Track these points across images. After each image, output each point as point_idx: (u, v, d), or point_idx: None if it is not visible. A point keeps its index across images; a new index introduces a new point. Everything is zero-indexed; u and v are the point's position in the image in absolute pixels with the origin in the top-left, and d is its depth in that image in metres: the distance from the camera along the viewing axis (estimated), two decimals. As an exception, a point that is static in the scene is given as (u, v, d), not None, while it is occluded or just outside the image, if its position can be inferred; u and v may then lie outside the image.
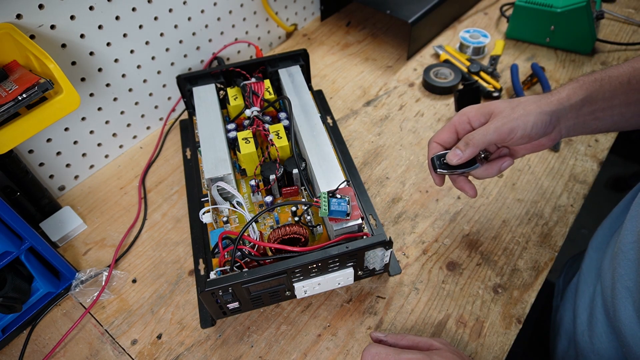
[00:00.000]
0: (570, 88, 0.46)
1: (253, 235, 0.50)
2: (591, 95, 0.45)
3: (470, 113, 0.48)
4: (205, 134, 0.59)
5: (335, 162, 0.54)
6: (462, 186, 0.49)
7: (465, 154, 0.46)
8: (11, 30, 0.50)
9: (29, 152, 0.61)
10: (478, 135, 0.45)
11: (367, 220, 0.55)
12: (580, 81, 0.46)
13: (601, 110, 0.46)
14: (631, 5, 0.91)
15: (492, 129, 0.45)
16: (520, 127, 0.44)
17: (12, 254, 0.48)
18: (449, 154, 0.47)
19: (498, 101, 0.47)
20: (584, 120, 0.47)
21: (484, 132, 0.45)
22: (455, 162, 0.46)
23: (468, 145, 0.45)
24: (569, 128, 0.47)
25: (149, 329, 0.53)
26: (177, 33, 0.70)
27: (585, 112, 0.46)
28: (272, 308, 0.54)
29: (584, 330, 0.55)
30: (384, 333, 0.46)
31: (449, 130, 0.49)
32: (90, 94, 0.64)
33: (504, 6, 0.92)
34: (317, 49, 0.89)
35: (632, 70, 0.46)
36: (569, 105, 0.45)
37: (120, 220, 0.64)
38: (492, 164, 0.48)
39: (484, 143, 0.45)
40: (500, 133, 0.44)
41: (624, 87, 0.46)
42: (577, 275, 0.62)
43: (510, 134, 0.44)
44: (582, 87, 0.46)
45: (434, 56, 0.85)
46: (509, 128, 0.44)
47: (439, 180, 0.50)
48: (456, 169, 0.48)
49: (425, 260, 0.57)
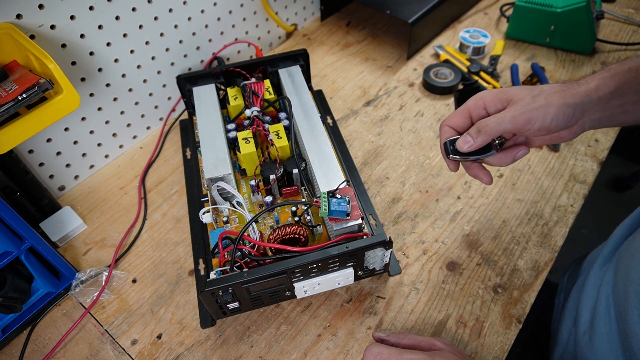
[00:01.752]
0: (600, 78, 0.42)
1: (253, 235, 0.50)
2: (622, 87, 0.42)
3: (487, 97, 0.44)
4: (205, 134, 0.59)
5: (335, 162, 0.54)
6: (476, 173, 0.46)
7: (477, 141, 0.43)
8: (11, 30, 0.50)
9: (29, 152, 0.61)
10: (492, 122, 0.42)
11: (367, 220, 0.55)
12: (611, 71, 0.43)
13: (632, 103, 0.43)
14: (631, 5, 0.91)
15: (508, 118, 0.41)
16: (539, 119, 0.40)
17: (12, 254, 0.48)
18: (459, 140, 0.44)
19: (518, 87, 0.44)
20: (611, 114, 0.43)
21: (498, 120, 0.42)
22: (466, 149, 0.43)
23: (480, 132, 0.42)
24: (594, 121, 0.43)
25: (149, 329, 0.53)
26: (177, 33, 0.70)
27: (613, 105, 0.42)
28: (272, 308, 0.54)
29: (585, 330, 0.54)
30: (386, 333, 0.46)
31: (462, 114, 0.45)
32: (90, 94, 0.64)
33: (504, 6, 0.92)
34: (317, 49, 0.89)
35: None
36: (596, 97, 0.41)
37: (120, 220, 0.64)
38: (507, 153, 0.45)
39: (497, 132, 0.42)
40: (516, 123, 0.41)
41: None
42: (585, 275, 0.61)
43: (527, 125, 0.41)
44: (613, 77, 0.42)
45: (434, 56, 0.85)
46: (527, 118, 0.41)
47: (452, 165, 0.47)
48: (469, 156, 0.45)
49: (425, 260, 0.57)
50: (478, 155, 0.44)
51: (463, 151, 0.44)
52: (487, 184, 0.46)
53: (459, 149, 0.44)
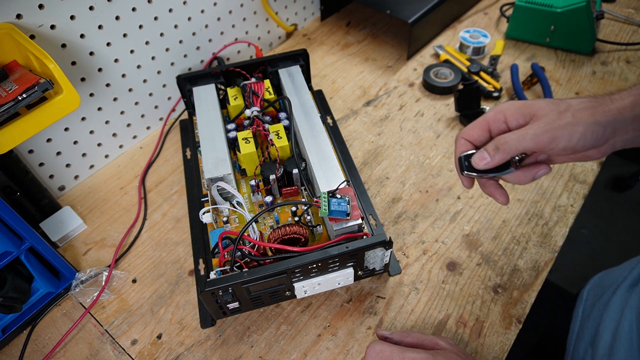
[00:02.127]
0: (636, 95, 0.38)
1: (253, 235, 0.50)
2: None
3: (508, 111, 0.40)
4: (205, 134, 0.59)
5: (335, 162, 0.54)
6: (492, 192, 0.43)
7: (495, 159, 0.39)
8: (11, 30, 0.50)
9: (29, 152, 0.61)
10: (512, 140, 0.38)
11: (367, 220, 0.55)
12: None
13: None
14: (631, 5, 0.91)
15: (530, 135, 0.38)
16: (565, 138, 0.37)
17: (12, 254, 0.48)
18: (474, 156, 0.41)
19: (544, 101, 0.40)
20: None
21: (519, 137, 0.38)
22: (482, 166, 0.40)
23: (498, 150, 0.39)
24: (627, 141, 0.39)
25: (149, 329, 0.53)
26: (177, 33, 0.70)
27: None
28: (272, 308, 0.54)
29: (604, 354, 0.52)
30: (390, 331, 0.46)
31: (481, 126, 0.42)
32: (90, 94, 0.64)
33: (504, 6, 0.92)
34: (317, 49, 0.89)
35: None
36: (631, 116, 0.37)
37: (120, 220, 0.64)
38: (526, 171, 0.41)
39: (517, 150, 0.39)
40: (538, 141, 0.37)
41: None
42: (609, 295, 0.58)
43: (551, 144, 0.37)
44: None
45: (434, 56, 0.85)
46: (551, 137, 0.37)
47: (467, 182, 0.44)
48: (485, 173, 0.42)
49: (425, 260, 0.57)
50: (495, 172, 0.41)
51: (479, 168, 0.41)
52: (502, 204, 0.43)
53: (475, 166, 0.41)
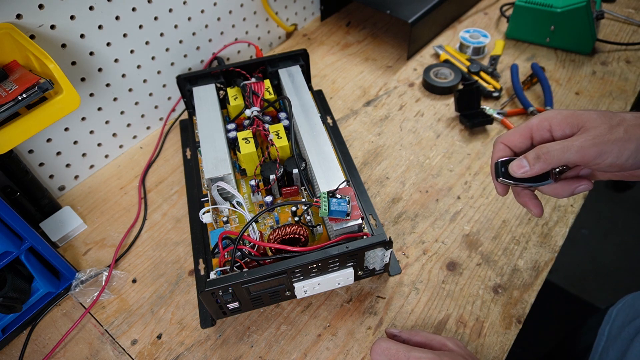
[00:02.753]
0: None
1: (253, 235, 0.50)
2: None
3: (555, 119, 0.38)
4: (205, 134, 0.59)
5: (335, 162, 0.54)
6: (526, 202, 0.41)
7: (534, 169, 0.37)
8: (11, 30, 0.50)
9: (29, 152, 0.61)
10: (555, 150, 0.36)
11: (367, 220, 0.55)
12: None
13: None
14: (631, 5, 0.91)
15: (576, 147, 0.35)
16: (614, 154, 0.34)
17: (12, 254, 0.48)
18: (513, 164, 0.39)
19: (595, 112, 0.37)
20: None
21: (563, 148, 0.36)
22: (519, 174, 0.38)
23: (539, 159, 0.37)
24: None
25: (149, 329, 0.53)
26: (177, 33, 0.70)
27: None
28: (272, 308, 0.54)
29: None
30: (399, 329, 0.46)
31: (523, 132, 0.40)
32: (90, 94, 0.64)
33: (504, 6, 0.92)
34: (317, 49, 0.89)
35: None
36: None
37: (120, 220, 0.64)
38: (565, 184, 0.39)
39: (560, 161, 0.36)
40: (584, 154, 0.35)
41: None
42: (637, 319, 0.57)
43: (597, 159, 0.35)
44: None
45: (434, 56, 0.85)
46: (598, 151, 0.35)
47: (501, 189, 0.42)
48: (522, 182, 0.40)
49: (425, 260, 0.57)
50: (532, 182, 0.39)
51: (516, 176, 0.39)
52: (537, 215, 0.41)
53: (512, 173, 0.39)
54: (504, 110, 0.73)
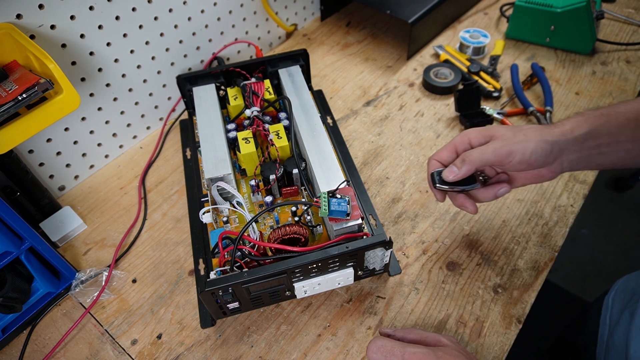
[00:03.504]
0: (574, 121, 0.46)
1: (253, 235, 0.50)
2: (596, 129, 0.45)
3: (472, 134, 0.48)
4: (205, 134, 0.59)
5: (335, 162, 0.54)
6: (462, 202, 0.49)
7: (462, 171, 0.46)
8: (11, 30, 0.50)
9: (29, 152, 0.61)
10: (475, 153, 0.45)
11: (367, 220, 0.55)
12: (585, 115, 0.46)
13: (606, 145, 0.45)
14: (631, 5, 0.91)
15: (491, 150, 0.45)
16: (519, 152, 0.44)
17: (12, 254, 0.48)
18: (445, 171, 0.47)
19: (501, 126, 0.47)
20: (588, 154, 0.46)
21: (481, 151, 0.45)
22: (451, 178, 0.46)
23: (464, 162, 0.46)
24: (572, 161, 0.46)
25: (149, 329, 0.53)
26: (177, 33, 0.70)
27: (589, 146, 0.45)
28: (272, 308, 0.54)
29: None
30: (392, 329, 0.46)
31: (449, 149, 0.49)
32: (90, 94, 0.64)
33: (504, 6, 0.92)
34: (317, 49, 0.89)
35: None
36: (572, 137, 0.45)
37: (120, 220, 0.64)
38: (489, 189, 0.48)
39: (480, 162, 0.45)
40: (498, 154, 0.44)
41: (632, 123, 0.45)
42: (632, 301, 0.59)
43: (509, 157, 0.44)
44: (586, 120, 0.45)
45: (434, 56, 0.85)
46: (508, 151, 0.44)
47: (439, 195, 0.50)
48: (455, 186, 0.48)
49: (425, 260, 0.57)
50: (463, 186, 0.48)
51: (449, 180, 0.47)
52: (472, 213, 0.49)
53: (445, 178, 0.47)
54: (504, 110, 0.73)
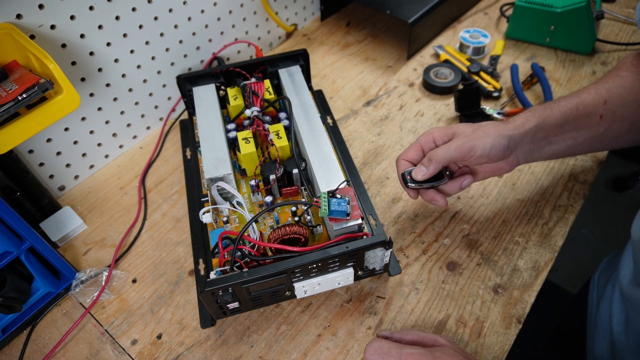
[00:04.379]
0: (524, 116, 0.51)
1: (253, 235, 0.50)
2: (543, 121, 0.50)
3: (435, 133, 0.52)
4: (205, 134, 0.59)
5: (335, 162, 0.54)
6: (433, 197, 0.52)
7: (430, 169, 0.49)
8: (11, 30, 0.50)
9: (29, 152, 0.61)
10: (440, 151, 0.49)
11: (367, 220, 0.55)
12: (532, 110, 0.51)
13: (554, 135, 0.51)
14: (631, 5, 0.91)
15: (454, 147, 0.48)
16: (480, 147, 0.48)
17: (12, 254, 0.48)
18: (414, 170, 0.51)
19: (461, 124, 0.52)
20: (539, 145, 0.51)
21: (446, 149, 0.49)
22: (421, 177, 0.50)
23: (431, 161, 0.49)
24: (526, 153, 0.51)
25: (149, 329, 0.53)
26: (177, 33, 0.70)
27: (539, 137, 0.50)
28: (272, 308, 0.54)
29: (620, 331, 0.55)
30: (390, 331, 0.46)
31: (415, 148, 0.52)
32: (90, 94, 0.64)
33: (504, 6, 0.92)
34: (317, 49, 0.89)
35: (578, 98, 0.51)
36: (523, 131, 0.49)
37: (120, 220, 0.64)
38: (454, 181, 0.52)
39: (445, 159, 0.49)
40: (460, 151, 0.48)
41: (573, 112, 0.50)
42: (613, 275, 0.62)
43: (470, 152, 0.48)
44: (534, 114, 0.50)
45: (434, 56, 0.85)
46: (469, 147, 0.48)
47: (412, 193, 0.53)
48: (424, 183, 0.51)
49: (425, 260, 0.57)
50: (432, 182, 0.51)
51: (418, 179, 0.50)
52: (442, 206, 0.52)
53: (415, 178, 0.51)
54: (504, 110, 0.73)
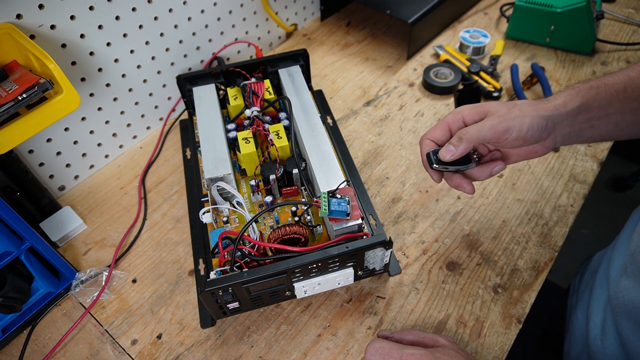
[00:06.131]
0: (566, 95, 0.45)
1: (253, 235, 0.50)
2: (587, 102, 0.45)
3: (465, 111, 0.46)
4: (205, 134, 0.59)
5: (335, 162, 0.54)
6: (459, 183, 0.47)
7: (459, 149, 0.44)
8: (11, 30, 0.50)
9: (29, 152, 0.61)
10: (472, 130, 0.44)
11: (367, 220, 0.55)
12: (576, 88, 0.46)
13: (597, 118, 0.45)
14: (631, 5, 0.91)
15: (488, 126, 0.43)
16: (516, 128, 0.43)
17: (12, 254, 0.48)
18: (441, 150, 0.46)
19: (494, 102, 0.46)
20: (579, 128, 0.46)
21: (478, 127, 0.44)
22: (448, 158, 0.45)
23: (462, 140, 0.44)
24: (564, 136, 0.46)
25: (149, 329, 0.53)
26: (177, 33, 0.70)
27: (580, 120, 0.45)
28: (272, 308, 0.54)
29: (596, 335, 0.54)
30: (390, 331, 0.46)
31: (442, 127, 0.47)
32: (90, 94, 0.64)
33: (504, 6, 0.92)
34: (317, 49, 0.89)
35: (628, 78, 0.45)
36: (565, 112, 0.44)
37: (120, 220, 0.64)
38: (484, 167, 0.47)
39: (477, 139, 0.44)
40: (495, 131, 0.43)
41: (620, 95, 0.45)
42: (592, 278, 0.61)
43: (505, 134, 0.43)
44: (578, 94, 0.45)
45: (434, 56, 0.85)
46: (505, 127, 0.43)
47: (436, 176, 0.48)
48: (451, 165, 0.46)
49: (425, 260, 0.57)
50: (458, 166, 0.46)
51: (446, 160, 0.45)
52: (469, 193, 0.48)
53: (442, 158, 0.46)
54: (504, 110, 0.73)
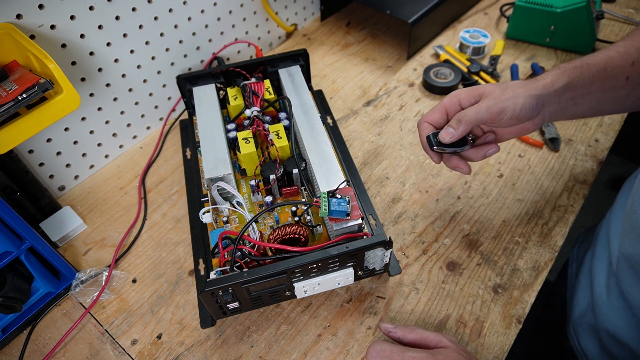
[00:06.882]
0: (554, 74, 0.48)
1: (253, 235, 0.50)
2: (572, 81, 0.48)
3: (461, 95, 0.49)
4: (205, 134, 0.59)
5: (335, 162, 0.54)
6: (456, 164, 0.50)
7: (458, 131, 0.47)
8: (11, 30, 0.50)
9: (29, 152, 0.61)
10: (470, 112, 0.47)
11: (367, 220, 0.55)
12: (562, 68, 0.49)
13: (580, 96, 0.49)
14: (631, 5, 0.91)
15: (484, 108, 0.46)
16: (510, 108, 0.46)
17: (12, 254, 0.48)
18: (441, 132, 0.48)
19: (488, 84, 0.50)
20: (565, 106, 0.49)
21: (476, 110, 0.47)
22: (448, 140, 0.47)
23: (460, 122, 0.47)
24: (552, 113, 0.49)
25: (149, 329, 0.53)
26: (177, 33, 0.70)
27: (566, 98, 0.49)
28: (272, 308, 0.54)
29: (601, 291, 0.56)
30: (393, 324, 0.46)
31: (439, 110, 0.50)
32: (90, 94, 0.64)
33: (504, 6, 0.92)
34: (317, 49, 0.89)
35: (608, 58, 0.49)
36: (553, 90, 0.48)
37: (120, 220, 0.64)
38: (478, 149, 0.50)
39: (476, 120, 0.46)
40: (491, 112, 0.46)
41: (601, 74, 0.49)
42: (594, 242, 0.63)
43: (501, 114, 0.46)
44: (564, 73, 0.48)
45: (434, 56, 0.85)
46: (500, 108, 0.46)
47: (436, 158, 0.51)
48: (450, 147, 0.49)
49: (425, 260, 0.57)
50: (455, 147, 0.49)
51: (446, 142, 0.48)
52: (466, 173, 0.50)
53: (442, 140, 0.48)
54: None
